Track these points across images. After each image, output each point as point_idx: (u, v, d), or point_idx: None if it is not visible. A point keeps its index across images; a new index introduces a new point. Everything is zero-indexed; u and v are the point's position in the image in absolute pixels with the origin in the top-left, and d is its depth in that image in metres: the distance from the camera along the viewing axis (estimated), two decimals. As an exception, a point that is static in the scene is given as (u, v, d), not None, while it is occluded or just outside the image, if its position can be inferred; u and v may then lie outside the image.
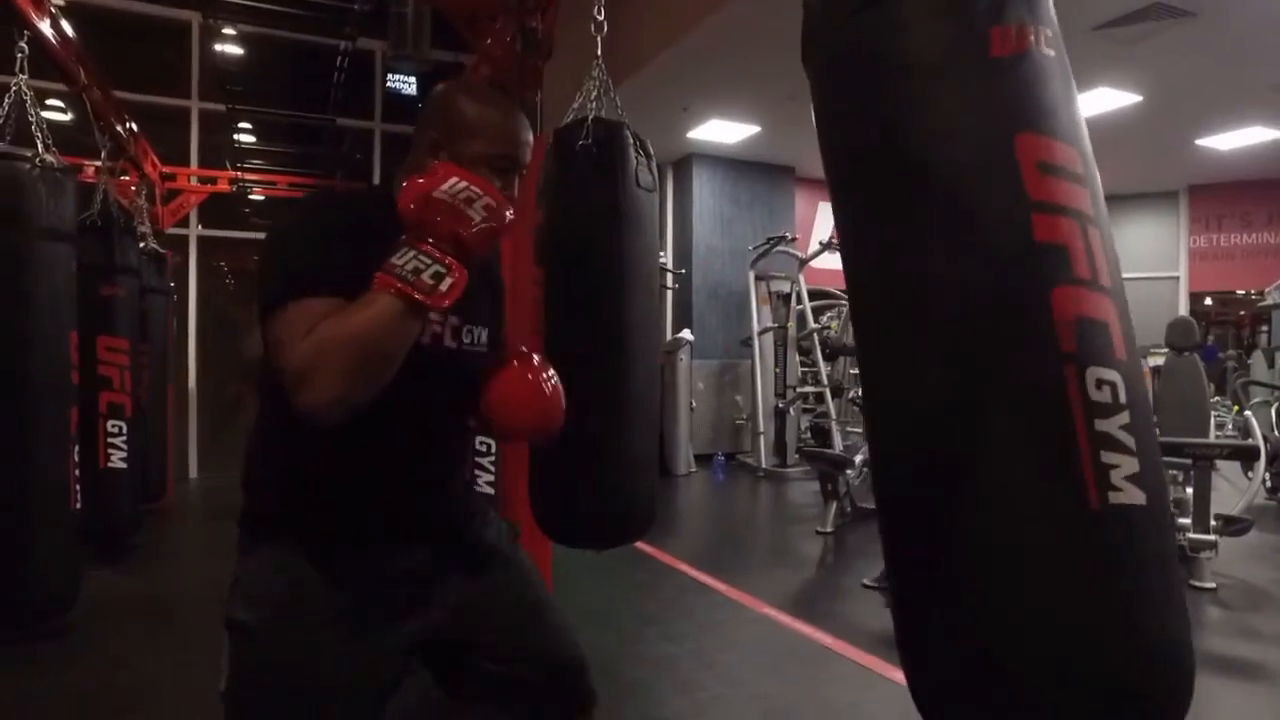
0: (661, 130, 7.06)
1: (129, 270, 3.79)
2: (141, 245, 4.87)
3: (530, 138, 1.12)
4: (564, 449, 2.11)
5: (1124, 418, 0.83)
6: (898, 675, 2.54)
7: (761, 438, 6.96)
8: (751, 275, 7.38)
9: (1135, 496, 0.81)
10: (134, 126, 4.81)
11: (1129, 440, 0.82)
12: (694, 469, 6.95)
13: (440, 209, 0.91)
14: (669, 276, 7.51)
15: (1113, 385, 0.83)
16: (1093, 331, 0.84)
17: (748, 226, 7.99)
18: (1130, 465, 0.82)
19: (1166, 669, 0.85)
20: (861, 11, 0.93)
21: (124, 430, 3.63)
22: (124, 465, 3.65)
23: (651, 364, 2.24)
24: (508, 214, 0.95)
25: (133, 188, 5.30)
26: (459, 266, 0.91)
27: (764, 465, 6.87)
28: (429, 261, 0.90)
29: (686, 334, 7.08)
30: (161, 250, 5.21)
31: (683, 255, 8.05)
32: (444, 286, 0.90)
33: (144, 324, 4.70)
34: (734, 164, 8.01)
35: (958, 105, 0.89)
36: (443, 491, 1.21)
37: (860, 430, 6.02)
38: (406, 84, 7.43)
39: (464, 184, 0.93)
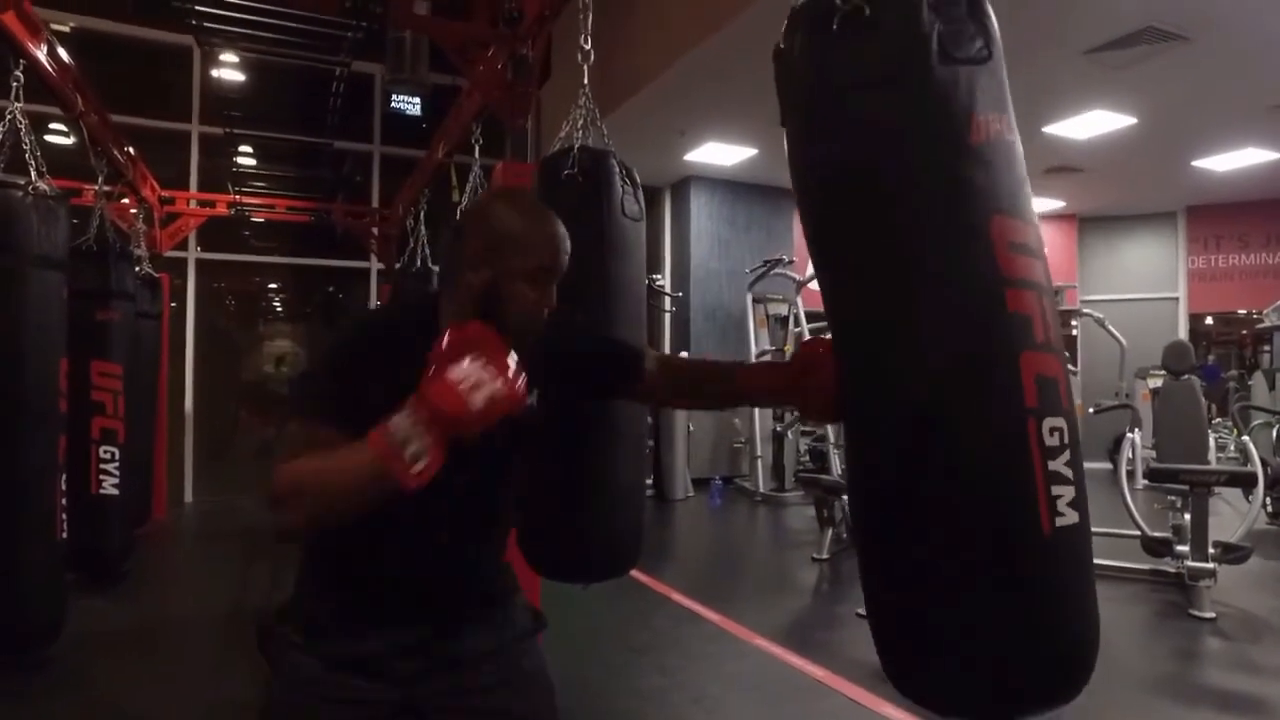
0: (659, 153, 7.10)
1: (124, 295, 3.79)
2: (136, 269, 4.90)
3: (568, 245, 1.17)
4: (550, 483, 2.11)
5: (1067, 455, 0.98)
6: (889, 710, 2.51)
7: (759, 461, 6.92)
8: (749, 297, 7.38)
9: (1072, 518, 0.98)
10: (132, 151, 4.85)
11: (1069, 473, 0.98)
12: (691, 493, 6.91)
13: (446, 393, 0.95)
14: (667, 299, 7.51)
15: (1061, 431, 0.98)
16: (1048, 387, 0.97)
17: (745, 249, 8.01)
18: (1069, 493, 0.97)
19: (1086, 652, 1.02)
20: (848, 93, 0.97)
21: (116, 456, 3.60)
22: (116, 491, 3.62)
23: (638, 394, 2.22)
24: (517, 394, 0.99)
25: (132, 211, 5.33)
26: (438, 452, 0.95)
27: (762, 490, 6.83)
28: (418, 435, 0.94)
29: (684, 356, 7.07)
30: (156, 274, 5.23)
31: (680, 277, 8.06)
32: (416, 469, 0.94)
33: (135, 348, 4.70)
34: (731, 186, 8.04)
35: (940, 188, 0.96)
36: (474, 574, 1.22)
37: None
38: (410, 104, 7.49)
39: (475, 371, 0.96)
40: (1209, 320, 10.39)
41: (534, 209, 1.16)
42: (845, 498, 4.63)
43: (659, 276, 7.96)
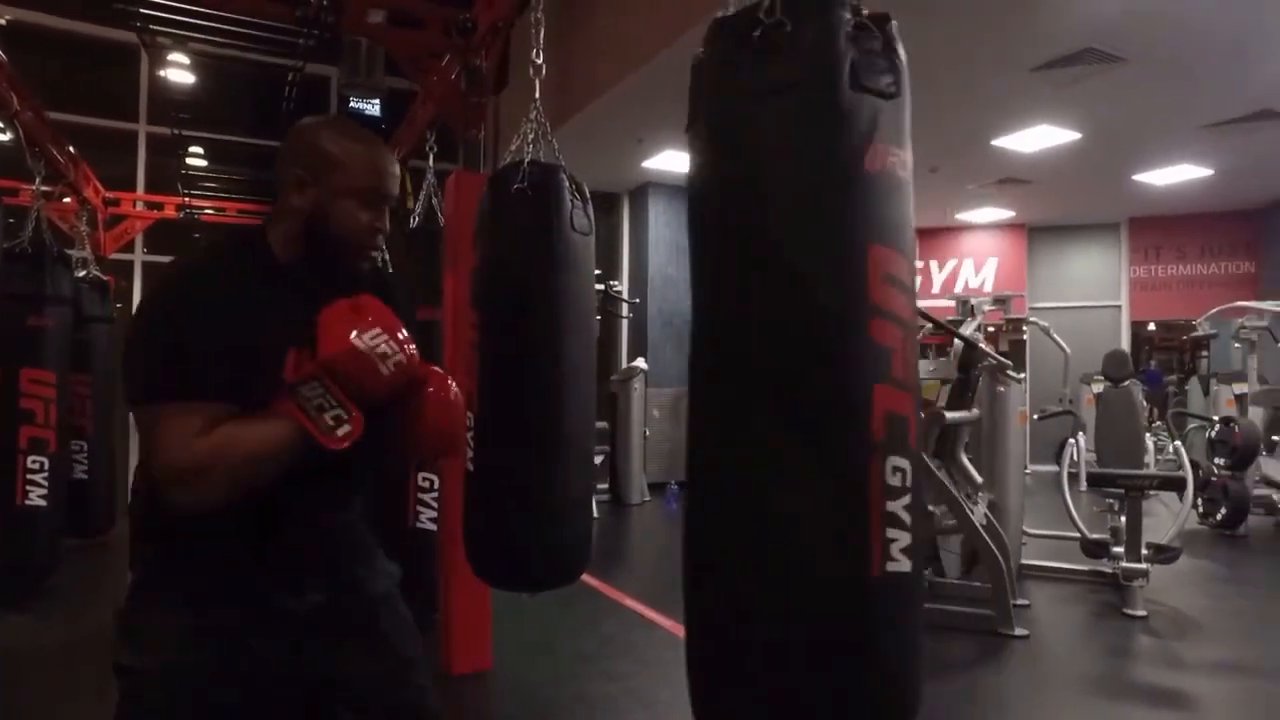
0: (618, 159, 7.13)
1: (60, 300, 3.67)
2: (83, 273, 4.76)
3: (397, 170, 1.16)
4: (497, 492, 2.12)
5: (907, 499, 0.96)
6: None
7: (717, 465, 6.97)
8: (707, 303, 7.42)
9: (904, 565, 0.96)
10: (73, 150, 4.71)
11: (907, 518, 0.96)
12: (647, 498, 6.93)
13: (357, 359, 0.97)
14: (624, 305, 7.54)
15: (903, 471, 0.96)
16: (897, 425, 0.96)
17: (704, 255, 8.06)
18: (905, 539, 0.96)
19: (908, 697, 1.01)
20: (754, 98, 0.98)
21: (45, 466, 3.48)
22: (43, 503, 3.49)
23: (587, 407, 2.24)
24: (415, 364, 1.02)
25: (74, 212, 5.18)
26: (358, 415, 0.97)
27: (719, 493, 6.88)
28: (334, 403, 0.96)
29: (641, 363, 7.10)
30: (104, 277, 5.09)
31: (638, 284, 8.10)
32: (341, 432, 0.96)
33: (86, 353, 4.56)
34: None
35: (826, 203, 0.96)
36: (331, 534, 1.19)
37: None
38: (370, 105, 7.39)
39: (384, 337, 1.00)
40: (1151, 326, 10.78)
41: (358, 132, 1.14)
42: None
43: (616, 283, 7.98)
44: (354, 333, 0.98)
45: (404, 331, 1.03)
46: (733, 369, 1.01)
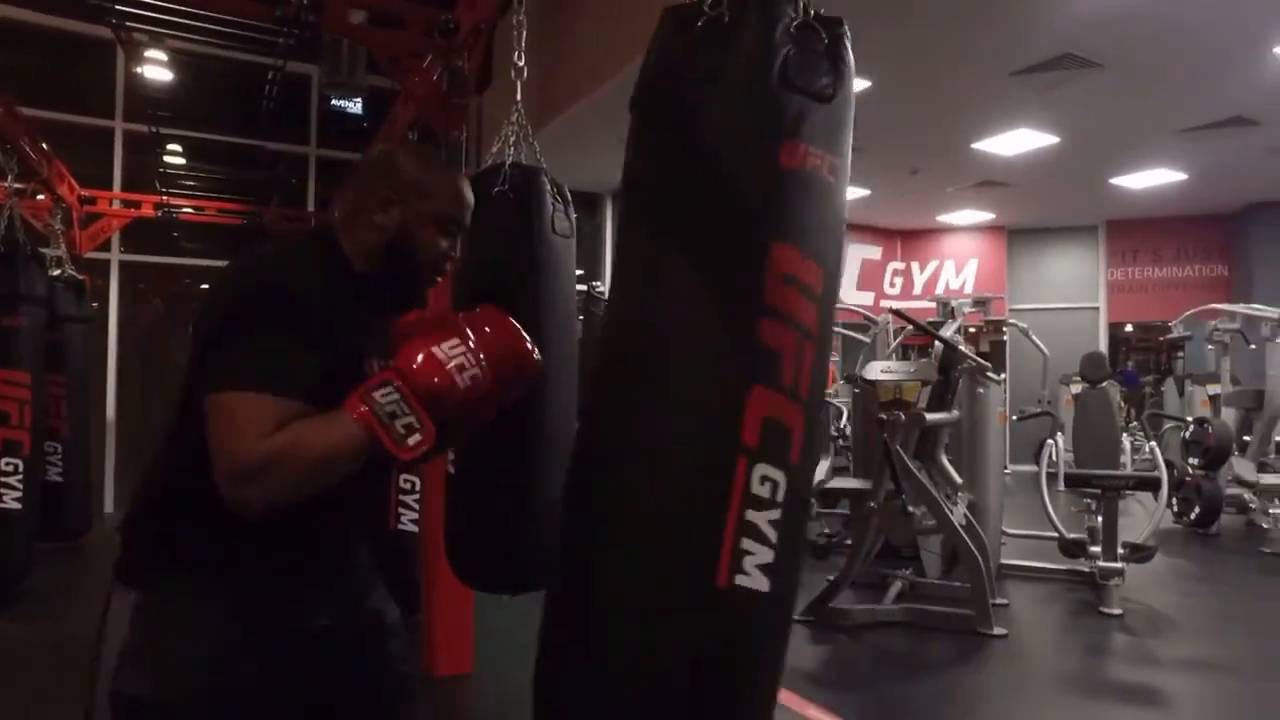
0: (601, 161, 7.11)
1: (34, 300, 3.62)
2: (58, 272, 4.70)
3: (473, 200, 1.20)
4: (478, 495, 2.11)
5: (775, 514, 0.91)
6: (813, 712, 2.58)
7: (700, 466, 6.98)
8: (691, 304, 7.43)
9: (760, 583, 0.90)
10: (46, 147, 4.64)
11: (772, 534, 0.91)
12: (633, 498, 6.94)
13: (435, 368, 0.95)
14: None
15: (776, 484, 0.91)
16: (775, 433, 0.92)
17: (688, 255, 8.07)
18: (765, 556, 0.90)
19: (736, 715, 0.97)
20: (685, 86, 0.98)
21: (19, 468, 3.42)
22: (17, 505, 3.43)
23: (569, 407, 2.24)
24: (494, 382, 1.00)
25: (48, 210, 5.10)
26: (430, 428, 0.94)
27: (703, 493, 6.89)
28: (406, 410, 0.93)
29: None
30: (79, 276, 5.02)
31: (624, 283, 8.09)
32: (411, 442, 0.93)
33: (61, 354, 4.50)
34: (675, 194, 8.10)
35: (732, 203, 0.95)
36: (350, 552, 1.20)
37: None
38: (352, 103, 7.34)
39: (462, 350, 0.98)
40: (1129, 328, 10.92)
41: (439, 161, 1.21)
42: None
43: (599, 284, 7.97)
44: (433, 342, 0.97)
45: (473, 342, 1.01)
46: (624, 351, 1.01)
